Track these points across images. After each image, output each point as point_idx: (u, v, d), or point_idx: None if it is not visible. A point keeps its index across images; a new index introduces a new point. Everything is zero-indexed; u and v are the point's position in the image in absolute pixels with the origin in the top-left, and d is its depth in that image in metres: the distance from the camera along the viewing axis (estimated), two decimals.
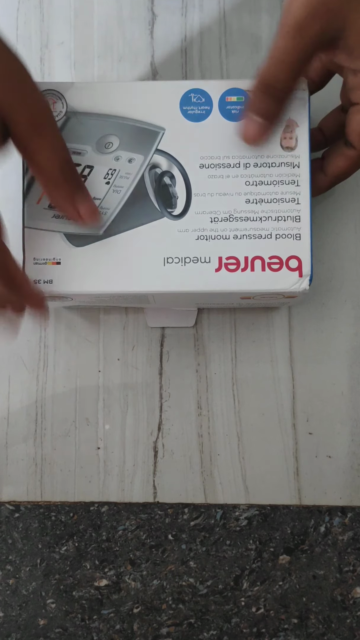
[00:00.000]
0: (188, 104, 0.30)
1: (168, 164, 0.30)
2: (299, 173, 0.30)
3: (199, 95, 0.30)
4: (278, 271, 0.30)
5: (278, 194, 0.30)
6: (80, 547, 0.38)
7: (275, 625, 0.38)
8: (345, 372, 0.38)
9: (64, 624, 0.38)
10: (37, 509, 0.38)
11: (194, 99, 0.30)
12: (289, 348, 0.39)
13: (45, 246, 0.30)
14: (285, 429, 0.38)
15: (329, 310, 0.39)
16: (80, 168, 0.30)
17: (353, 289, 0.39)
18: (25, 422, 0.38)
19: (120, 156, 0.30)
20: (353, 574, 0.38)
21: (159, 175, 0.30)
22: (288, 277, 0.30)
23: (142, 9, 0.40)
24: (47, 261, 0.30)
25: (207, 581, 0.38)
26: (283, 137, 0.30)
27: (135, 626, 0.38)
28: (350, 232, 0.39)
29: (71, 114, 0.30)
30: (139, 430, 0.38)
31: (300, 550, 0.38)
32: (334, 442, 0.38)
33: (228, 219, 0.30)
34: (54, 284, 0.30)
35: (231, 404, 0.38)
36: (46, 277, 0.30)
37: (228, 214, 0.30)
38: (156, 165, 0.30)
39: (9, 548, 0.39)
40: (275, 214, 0.30)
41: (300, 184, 0.30)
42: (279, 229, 0.30)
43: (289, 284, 0.30)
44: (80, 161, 0.30)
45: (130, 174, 0.30)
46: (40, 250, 0.30)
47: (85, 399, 0.38)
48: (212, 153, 0.30)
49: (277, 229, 0.30)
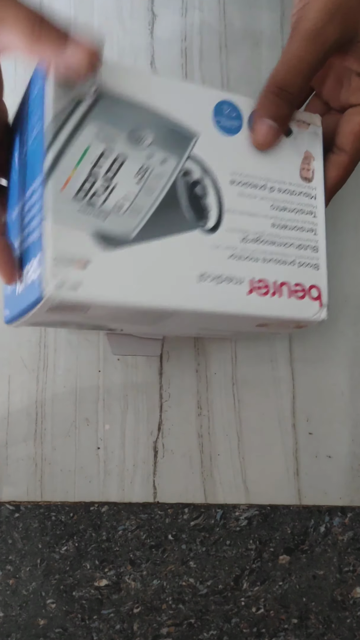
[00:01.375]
0: (221, 115, 0.29)
1: (200, 173, 0.29)
2: (316, 205, 0.31)
3: (231, 108, 0.30)
4: (302, 299, 0.30)
5: (299, 222, 0.30)
6: (80, 547, 0.38)
7: (275, 625, 0.38)
8: (345, 372, 0.38)
9: (64, 624, 0.38)
10: (37, 509, 0.38)
11: (226, 111, 0.29)
12: (289, 348, 0.39)
13: (68, 245, 0.26)
14: (285, 429, 0.38)
15: (330, 310, 0.39)
16: (110, 157, 0.27)
17: (353, 289, 0.39)
18: (26, 422, 0.38)
19: (153, 154, 0.28)
20: (353, 574, 0.38)
21: (191, 184, 0.28)
22: (310, 305, 0.30)
23: (142, 9, 0.40)
24: (70, 263, 0.25)
25: (207, 581, 0.38)
26: (302, 167, 0.30)
27: (135, 626, 0.38)
28: (350, 232, 0.39)
29: (103, 93, 0.27)
30: (139, 430, 0.38)
31: (300, 551, 0.38)
32: (334, 442, 0.38)
33: (257, 241, 0.29)
34: (78, 290, 0.25)
35: (231, 404, 0.38)
36: (68, 281, 0.25)
37: (257, 235, 0.29)
38: (188, 172, 0.28)
39: (9, 548, 0.39)
40: (297, 241, 0.30)
41: (317, 216, 0.30)
42: (301, 257, 0.30)
43: (311, 313, 0.30)
44: (110, 148, 0.27)
45: (163, 176, 0.28)
46: (63, 248, 0.25)
47: (86, 399, 0.38)
48: (242, 170, 0.29)
49: (299, 257, 0.30)
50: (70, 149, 0.26)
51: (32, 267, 0.26)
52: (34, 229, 0.26)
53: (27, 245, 0.26)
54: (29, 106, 0.27)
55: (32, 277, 0.26)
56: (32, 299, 0.25)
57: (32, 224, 0.26)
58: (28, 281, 0.26)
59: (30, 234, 0.26)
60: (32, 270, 0.26)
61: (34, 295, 0.25)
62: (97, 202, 0.26)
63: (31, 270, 0.26)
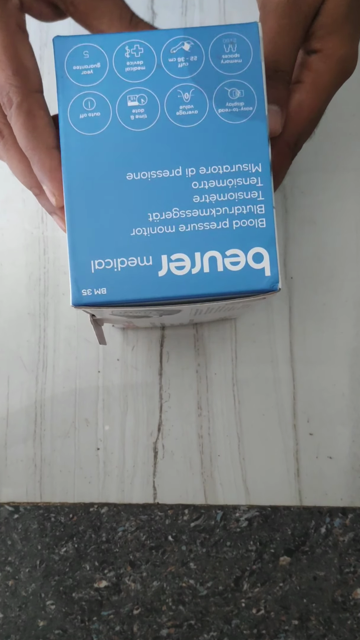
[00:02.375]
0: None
1: None
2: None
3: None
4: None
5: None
6: (79, 549, 0.38)
7: (276, 626, 0.38)
8: (346, 373, 0.38)
9: (64, 625, 0.38)
10: (36, 510, 0.38)
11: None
12: (289, 348, 0.38)
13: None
14: (285, 429, 0.38)
15: (330, 310, 0.38)
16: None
17: (354, 289, 0.39)
18: (25, 423, 0.38)
19: None
20: (354, 575, 0.38)
21: None
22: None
23: (142, 8, 0.40)
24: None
25: (207, 582, 0.38)
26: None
27: (135, 627, 0.38)
28: (350, 232, 0.39)
29: None
30: (138, 430, 0.38)
31: (301, 552, 0.38)
32: (334, 443, 0.38)
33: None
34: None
35: (231, 405, 0.38)
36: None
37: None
38: None
39: (8, 549, 0.38)
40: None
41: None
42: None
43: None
44: None
45: None
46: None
47: (85, 399, 0.38)
48: None
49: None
50: None
51: (237, 252, 0.24)
52: (248, 214, 0.25)
53: (221, 223, 0.25)
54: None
55: (248, 266, 0.24)
56: (242, 288, 0.24)
57: (240, 205, 0.25)
58: (229, 267, 0.24)
59: (234, 216, 0.25)
60: (234, 255, 0.24)
61: (250, 286, 0.24)
62: None
63: (231, 255, 0.25)
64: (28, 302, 0.39)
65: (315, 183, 0.39)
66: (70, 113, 0.25)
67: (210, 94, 0.25)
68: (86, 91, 0.25)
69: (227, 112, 0.25)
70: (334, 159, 0.39)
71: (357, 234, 0.39)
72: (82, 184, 0.24)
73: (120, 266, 0.24)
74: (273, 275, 0.24)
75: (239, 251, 0.25)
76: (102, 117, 0.25)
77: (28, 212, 0.39)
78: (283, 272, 0.39)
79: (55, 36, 0.25)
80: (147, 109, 0.25)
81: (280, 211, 0.39)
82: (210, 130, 0.25)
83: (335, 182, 0.39)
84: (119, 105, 0.25)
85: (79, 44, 0.25)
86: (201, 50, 0.25)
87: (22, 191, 0.40)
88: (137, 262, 0.24)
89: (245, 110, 0.25)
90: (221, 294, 0.24)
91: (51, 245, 0.39)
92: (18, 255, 0.39)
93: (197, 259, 0.24)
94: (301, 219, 0.39)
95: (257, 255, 0.25)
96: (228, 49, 0.25)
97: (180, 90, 0.25)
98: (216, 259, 0.25)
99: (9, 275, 0.39)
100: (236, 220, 0.25)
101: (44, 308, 0.39)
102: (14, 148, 0.27)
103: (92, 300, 0.24)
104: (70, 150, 0.24)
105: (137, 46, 0.25)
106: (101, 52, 0.25)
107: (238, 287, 0.24)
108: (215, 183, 0.25)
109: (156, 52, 0.25)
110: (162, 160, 0.25)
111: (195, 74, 0.25)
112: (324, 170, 0.39)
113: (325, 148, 0.39)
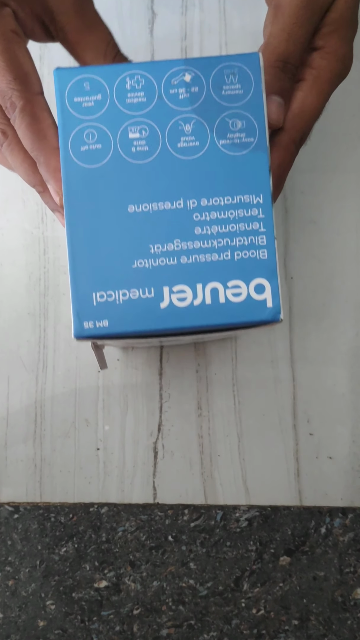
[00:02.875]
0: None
1: None
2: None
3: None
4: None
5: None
6: (79, 549, 0.38)
7: (276, 626, 0.38)
8: (346, 373, 0.38)
9: (64, 626, 0.38)
10: (36, 510, 0.38)
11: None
12: (289, 348, 0.38)
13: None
14: (285, 429, 0.38)
15: (330, 310, 0.38)
16: None
17: (354, 289, 0.39)
18: (25, 423, 0.38)
19: None
20: (354, 575, 0.38)
21: None
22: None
23: (142, 7, 0.40)
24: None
25: (207, 582, 0.38)
26: None
27: (135, 627, 0.38)
28: (350, 232, 0.39)
29: None
30: (138, 431, 0.38)
31: (301, 552, 0.38)
32: (334, 443, 0.38)
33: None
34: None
35: (231, 405, 0.38)
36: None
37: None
38: None
39: (8, 549, 0.38)
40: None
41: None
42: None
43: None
44: None
45: None
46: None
47: (85, 399, 0.38)
48: None
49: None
50: None
51: (239, 283, 0.25)
52: (249, 245, 0.25)
53: (223, 254, 0.25)
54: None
55: (250, 297, 0.25)
56: (244, 319, 0.24)
57: (241, 236, 0.25)
58: (231, 298, 0.25)
59: (235, 248, 0.25)
60: (236, 286, 0.25)
61: (252, 317, 0.24)
62: None
63: (233, 286, 0.25)
64: (28, 302, 0.39)
65: (315, 183, 0.39)
66: (72, 145, 0.25)
67: (212, 125, 0.25)
68: (87, 123, 0.25)
69: (229, 143, 0.25)
70: (334, 159, 0.39)
71: (357, 234, 0.39)
72: (84, 216, 0.24)
73: (122, 298, 0.24)
74: (275, 306, 0.24)
75: (240, 282, 0.25)
76: (103, 150, 0.25)
77: (28, 212, 0.39)
78: (283, 272, 0.39)
79: (56, 68, 0.25)
80: (148, 140, 0.25)
81: (280, 211, 0.39)
82: (211, 161, 0.25)
83: (335, 183, 0.39)
84: (120, 137, 0.25)
85: (79, 76, 0.25)
86: (202, 81, 0.25)
87: (22, 191, 0.40)
88: (139, 294, 0.24)
89: (247, 141, 0.25)
90: (223, 325, 0.25)
91: (51, 245, 0.39)
92: (18, 255, 0.39)
93: (199, 291, 0.25)
94: (301, 219, 0.39)
95: (258, 286, 0.25)
96: (229, 80, 0.25)
97: (181, 121, 0.25)
98: (218, 290, 0.25)
99: (9, 275, 0.39)
100: (237, 252, 0.25)
101: (44, 308, 0.39)
102: (18, 148, 0.27)
103: (94, 332, 0.24)
104: (71, 182, 0.25)
105: (138, 77, 0.25)
106: (102, 83, 0.25)
107: (240, 318, 0.24)
108: (216, 214, 0.25)
109: (157, 83, 0.25)
110: (163, 192, 0.25)
111: (197, 105, 0.25)
112: (324, 171, 0.39)
113: (325, 148, 0.39)
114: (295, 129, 0.28)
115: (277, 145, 0.28)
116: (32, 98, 0.26)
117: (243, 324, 0.25)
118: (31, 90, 0.26)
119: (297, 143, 0.29)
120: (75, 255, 0.24)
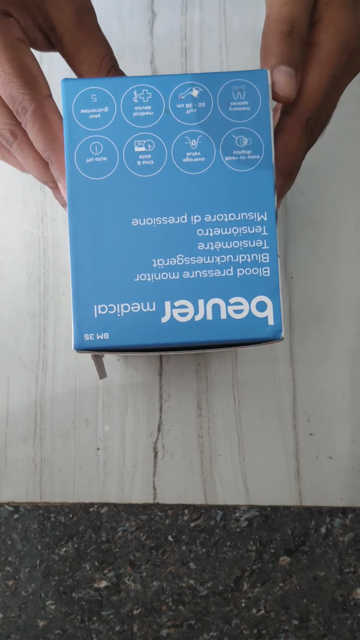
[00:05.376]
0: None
1: None
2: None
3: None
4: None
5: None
6: (79, 549, 0.38)
7: (276, 626, 0.38)
8: (346, 373, 0.38)
9: (64, 626, 0.38)
10: (36, 510, 0.38)
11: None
12: (289, 348, 0.38)
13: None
14: (285, 429, 0.38)
15: (330, 310, 0.38)
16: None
17: (354, 289, 0.39)
18: (25, 423, 0.38)
19: None
20: (354, 575, 0.38)
21: None
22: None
23: (141, 7, 0.40)
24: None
25: (207, 582, 0.38)
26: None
27: (135, 627, 0.38)
28: (350, 232, 0.39)
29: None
30: (138, 431, 0.38)
31: (301, 552, 0.38)
32: (334, 443, 0.38)
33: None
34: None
35: (231, 405, 0.38)
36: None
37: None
38: None
39: (8, 549, 0.38)
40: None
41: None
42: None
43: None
44: None
45: None
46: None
47: (85, 399, 0.38)
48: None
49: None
50: None
51: (241, 300, 0.25)
52: (252, 262, 0.25)
53: (227, 270, 0.25)
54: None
55: (251, 314, 0.25)
56: (245, 336, 0.24)
57: (244, 253, 0.25)
58: (232, 315, 0.25)
59: (238, 264, 0.25)
60: (238, 303, 0.25)
61: (253, 334, 0.24)
62: None
63: (234, 303, 0.25)
64: (28, 302, 0.39)
65: (315, 183, 0.39)
66: (77, 157, 0.25)
67: (218, 142, 0.25)
68: (93, 135, 0.25)
69: (234, 160, 0.25)
70: (334, 159, 0.39)
71: (357, 234, 0.39)
72: (87, 228, 0.25)
73: (123, 311, 0.25)
74: (276, 325, 0.24)
75: (242, 299, 0.25)
76: (108, 162, 0.25)
77: (28, 212, 0.39)
78: (283, 272, 0.39)
79: (63, 79, 0.25)
80: (154, 155, 0.25)
81: (280, 211, 0.39)
82: (216, 177, 0.25)
83: (336, 182, 0.39)
84: (125, 151, 0.25)
85: (87, 87, 0.25)
86: (209, 96, 0.25)
87: (22, 191, 0.40)
88: (141, 307, 0.25)
89: (252, 158, 0.25)
90: (223, 342, 0.25)
91: (51, 245, 0.39)
92: (18, 255, 0.39)
93: (201, 306, 0.25)
94: (301, 219, 0.39)
95: (260, 303, 0.25)
96: (237, 96, 0.25)
97: (187, 136, 0.25)
98: (219, 306, 0.25)
99: (9, 275, 0.39)
100: (240, 269, 0.25)
101: (44, 308, 0.39)
102: (28, 148, 0.28)
103: (94, 345, 0.25)
104: (76, 194, 0.25)
105: (145, 91, 0.25)
106: (109, 96, 0.25)
107: (241, 335, 0.25)
108: (220, 231, 0.25)
109: (164, 97, 0.25)
110: (167, 207, 0.25)
111: (203, 120, 0.25)
112: (324, 170, 0.39)
113: (325, 148, 0.39)
114: (299, 110, 0.26)
115: (282, 129, 0.26)
116: (43, 101, 0.26)
117: (244, 341, 0.25)
118: (41, 93, 0.26)
119: (304, 126, 0.26)
120: (78, 267, 0.25)
